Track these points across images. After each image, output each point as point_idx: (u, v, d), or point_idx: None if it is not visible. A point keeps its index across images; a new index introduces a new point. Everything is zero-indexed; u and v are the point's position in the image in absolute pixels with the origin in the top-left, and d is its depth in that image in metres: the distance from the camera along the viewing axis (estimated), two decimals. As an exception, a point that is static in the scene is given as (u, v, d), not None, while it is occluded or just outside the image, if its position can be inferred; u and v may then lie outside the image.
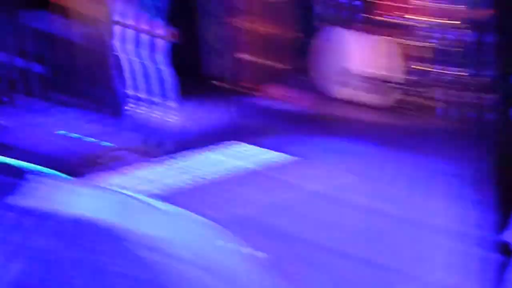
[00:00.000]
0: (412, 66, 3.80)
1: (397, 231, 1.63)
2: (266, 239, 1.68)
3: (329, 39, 4.12)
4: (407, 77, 3.81)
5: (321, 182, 2.26)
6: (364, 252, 1.56)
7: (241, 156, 2.71)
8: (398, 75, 3.78)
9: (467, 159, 1.82)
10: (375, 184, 2.18)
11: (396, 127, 3.40)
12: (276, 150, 2.80)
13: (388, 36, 3.80)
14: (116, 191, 1.61)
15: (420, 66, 3.78)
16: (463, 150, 1.28)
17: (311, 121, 3.72)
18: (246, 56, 5.16)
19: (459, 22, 3.47)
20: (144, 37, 3.96)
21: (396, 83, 3.83)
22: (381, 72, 3.84)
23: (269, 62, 4.92)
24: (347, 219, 1.84)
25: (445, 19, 3.63)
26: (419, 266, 1.44)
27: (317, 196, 2.10)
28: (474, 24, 2.99)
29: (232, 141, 2.95)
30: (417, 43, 3.78)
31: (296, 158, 2.68)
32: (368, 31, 3.89)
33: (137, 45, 4.01)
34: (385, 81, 3.85)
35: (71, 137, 3.20)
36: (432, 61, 3.72)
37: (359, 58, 3.94)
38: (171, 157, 2.66)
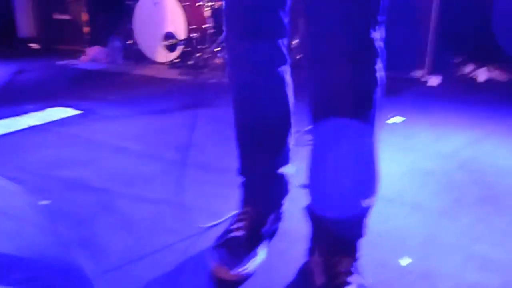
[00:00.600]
0: (195, 26, 4.09)
1: (179, 173, 1.83)
2: (57, 189, 1.75)
3: (144, 2, 4.22)
4: (191, 35, 4.09)
5: (109, 134, 2.40)
6: (152, 193, 1.71)
7: (40, 115, 2.66)
8: (183, 33, 4.03)
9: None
10: (159, 134, 2.40)
11: (183, 82, 3.68)
12: (74, 108, 2.83)
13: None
14: None
15: (203, 25, 4.09)
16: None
17: (113, 80, 3.81)
18: (61, 17, 4.92)
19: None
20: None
21: (182, 40, 4.07)
22: (171, 31, 4.06)
23: (84, 23, 4.79)
24: (132, 165, 1.99)
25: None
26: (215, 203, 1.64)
27: (103, 147, 2.23)
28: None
29: (38, 102, 2.87)
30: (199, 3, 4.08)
31: (87, 113, 2.76)
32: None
33: None
34: (174, 39, 4.08)
35: None
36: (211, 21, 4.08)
37: (157, 19, 4.12)
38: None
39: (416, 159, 2.09)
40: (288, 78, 1.31)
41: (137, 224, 1.51)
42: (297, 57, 2.03)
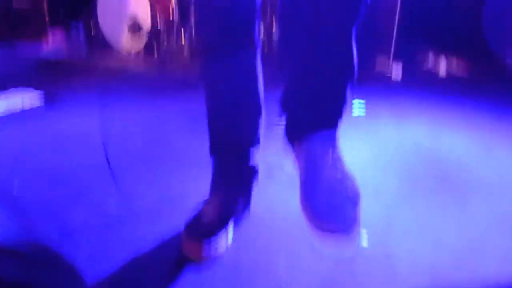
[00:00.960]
0: (161, 15, 4.08)
1: (147, 164, 1.85)
2: (25, 181, 1.75)
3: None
4: (156, 25, 4.08)
5: (74, 126, 2.39)
6: (121, 182, 1.76)
7: (1, 107, 2.62)
8: (148, 23, 4.01)
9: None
10: (124, 127, 2.41)
11: (147, 73, 3.68)
12: (37, 99, 2.80)
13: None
14: None
15: (169, 15, 4.09)
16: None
17: (76, 70, 3.76)
18: (21, 5, 4.77)
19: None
20: None
21: (147, 30, 4.06)
22: (136, 20, 4.03)
23: (45, 12, 4.68)
24: (98, 156, 2.00)
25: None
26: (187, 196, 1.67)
27: (69, 137, 2.23)
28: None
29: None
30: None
31: (50, 105, 2.73)
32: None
33: None
34: (139, 28, 4.05)
35: None
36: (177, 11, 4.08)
37: (122, 8, 4.07)
38: None
39: (376, 150, 2.17)
40: (258, 64, 1.34)
41: (107, 217, 1.52)
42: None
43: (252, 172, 1.44)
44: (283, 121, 1.27)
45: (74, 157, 1.97)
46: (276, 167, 1.80)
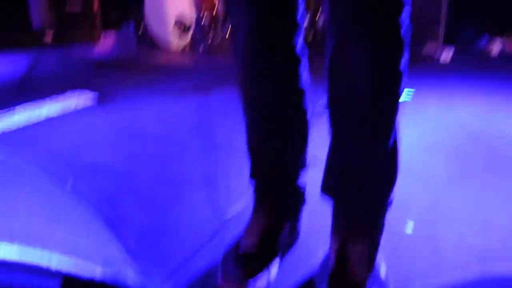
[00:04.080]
0: (205, 10, 4.15)
1: (197, 154, 1.88)
2: (81, 174, 1.84)
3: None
4: (202, 20, 4.15)
5: (127, 120, 2.49)
6: (172, 174, 1.78)
7: (59, 105, 2.77)
8: (193, 19, 4.09)
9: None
10: (175, 118, 2.49)
11: (195, 66, 3.76)
12: (91, 97, 2.92)
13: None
14: None
15: (213, 9, 4.15)
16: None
17: (127, 67, 3.91)
18: (74, 8, 5.01)
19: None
20: None
21: (192, 26, 4.14)
22: (182, 18, 4.12)
23: (96, 13, 4.90)
24: (151, 148, 2.08)
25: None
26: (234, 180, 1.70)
27: (122, 132, 2.32)
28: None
29: (56, 92, 2.97)
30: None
31: (104, 101, 2.86)
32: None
33: None
34: (185, 25, 4.15)
35: None
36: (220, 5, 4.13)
37: (167, 5, 4.18)
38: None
39: (424, 131, 2.14)
40: (304, 85, 1.18)
41: (158, 204, 1.59)
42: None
43: (299, 197, 1.29)
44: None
45: (126, 152, 2.06)
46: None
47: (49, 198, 1.30)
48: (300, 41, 1.13)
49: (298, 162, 1.25)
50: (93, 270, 0.82)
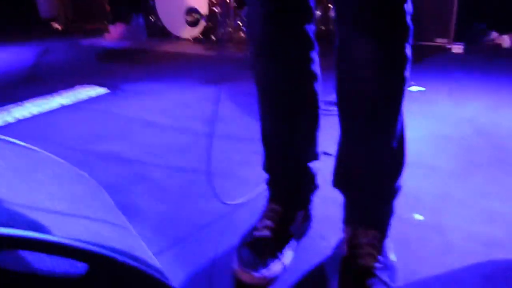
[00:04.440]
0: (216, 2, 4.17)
1: (207, 143, 1.89)
2: (93, 162, 1.87)
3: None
4: (214, 10, 4.17)
5: (138, 110, 2.53)
6: (182, 163, 1.81)
7: (70, 94, 2.81)
8: (205, 9, 4.10)
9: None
10: (185, 108, 2.52)
11: (207, 57, 3.79)
12: (103, 86, 2.96)
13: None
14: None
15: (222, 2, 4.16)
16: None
17: (138, 57, 3.93)
18: None
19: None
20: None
21: (205, 15, 4.15)
22: (194, 8, 4.13)
23: (105, 1, 4.92)
24: (161, 137, 2.12)
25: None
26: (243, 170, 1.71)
27: (134, 121, 2.36)
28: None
29: (67, 81, 3.01)
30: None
31: (115, 90, 2.89)
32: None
33: None
34: (197, 15, 4.15)
35: None
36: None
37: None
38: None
39: (434, 124, 2.16)
40: (317, 69, 1.22)
41: (170, 192, 1.63)
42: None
43: (311, 184, 1.33)
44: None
45: (139, 141, 2.10)
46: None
47: (71, 185, 1.35)
48: (312, 26, 1.17)
49: (310, 151, 1.29)
50: (117, 255, 0.86)
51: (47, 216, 0.96)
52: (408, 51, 1.01)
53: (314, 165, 1.30)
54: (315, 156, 1.30)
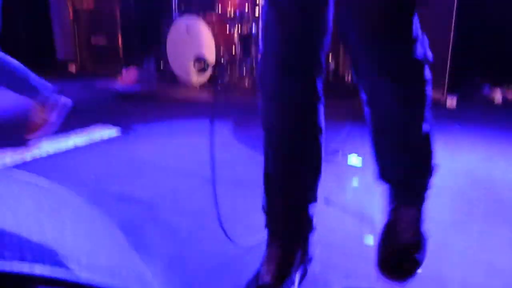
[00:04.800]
0: (224, 50, 4.33)
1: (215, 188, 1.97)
2: (107, 202, 1.94)
3: (178, 27, 4.42)
4: (221, 59, 4.33)
5: (149, 153, 2.63)
6: (192, 205, 1.90)
7: (85, 135, 2.91)
8: (213, 58, 4.26)
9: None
10: (194, 152, 2.62)
11: (214, 103, 3.90)
12: (115, 128, 3.07)
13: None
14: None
15: (232, 49, 4.33)
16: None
17: (149, 101, 4.07)
18: (99, 40, 5.21)
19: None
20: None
21: (212, 64, 4.31)
22: (202, 56, 4.29)
23: (120, 46, 5.09)
24: (172, 180, 2.20)
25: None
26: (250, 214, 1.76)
27: (145, 163, 2.45)
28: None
29: (81, 122, 3.11)
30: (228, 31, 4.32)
31: (128, 133, 3.00)
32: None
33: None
34: (205, 63, 4.31)
35: None
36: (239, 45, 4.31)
37: (189, 43, 4.34)
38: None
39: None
40: (322, 121, 1.31)
41: (180, 233, 1.70)
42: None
43: (309, 226, 1.38)
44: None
45: (150, 183, 2.18)
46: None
47: (91, 224, 1.42)
48: (321, 82, 1.28)
49: (310, 194, 1.36)
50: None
51: (71, 253, 1.02)
52: (419, 55, 1.25)
53: (312, 207, 1.37)
54: (314, 199, 1.37)
